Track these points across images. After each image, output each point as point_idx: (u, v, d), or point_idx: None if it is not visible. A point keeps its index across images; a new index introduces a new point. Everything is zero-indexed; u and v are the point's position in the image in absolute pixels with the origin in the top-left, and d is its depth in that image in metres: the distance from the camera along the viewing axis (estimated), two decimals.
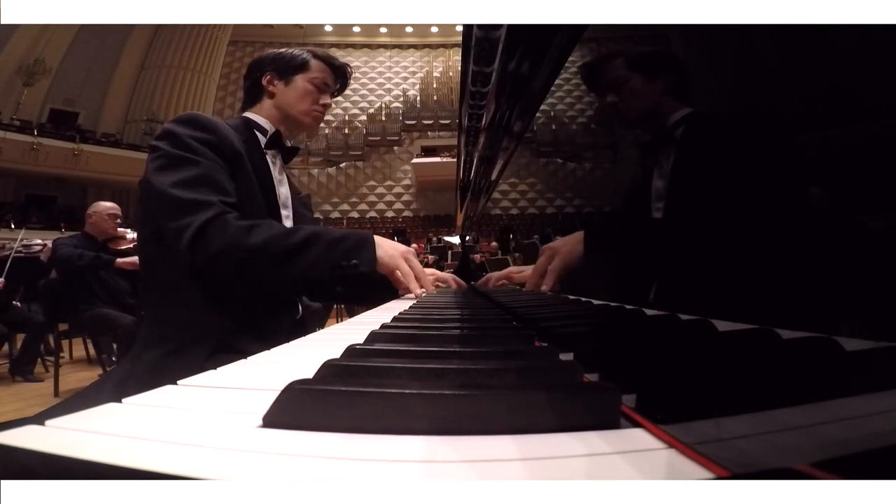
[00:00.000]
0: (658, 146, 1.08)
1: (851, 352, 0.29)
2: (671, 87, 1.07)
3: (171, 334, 0.84)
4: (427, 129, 15.04)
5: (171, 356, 0.81)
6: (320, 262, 0.83)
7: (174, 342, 0.83)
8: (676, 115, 1.05)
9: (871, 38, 2.82)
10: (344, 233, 0.88)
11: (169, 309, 0.87)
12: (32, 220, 10.76)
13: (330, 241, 0.85)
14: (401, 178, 14.76)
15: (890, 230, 1.00)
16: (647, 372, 0.26)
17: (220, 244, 0.78)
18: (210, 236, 0.78)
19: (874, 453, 0.16)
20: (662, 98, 1.07)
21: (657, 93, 1.07)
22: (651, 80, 1.07)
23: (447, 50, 15.85)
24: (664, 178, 1.05)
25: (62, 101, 12.08)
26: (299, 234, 0.84)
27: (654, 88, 1.07)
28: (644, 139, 1.12)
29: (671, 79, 1.07)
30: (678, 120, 1.04)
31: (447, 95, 15.19)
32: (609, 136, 14.11)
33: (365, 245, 0.87)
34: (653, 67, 1.07)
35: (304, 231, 0.85)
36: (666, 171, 1.04)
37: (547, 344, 0.35)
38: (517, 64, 0.55)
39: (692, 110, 1.06)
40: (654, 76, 1.07)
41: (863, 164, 1.89)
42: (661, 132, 1.07)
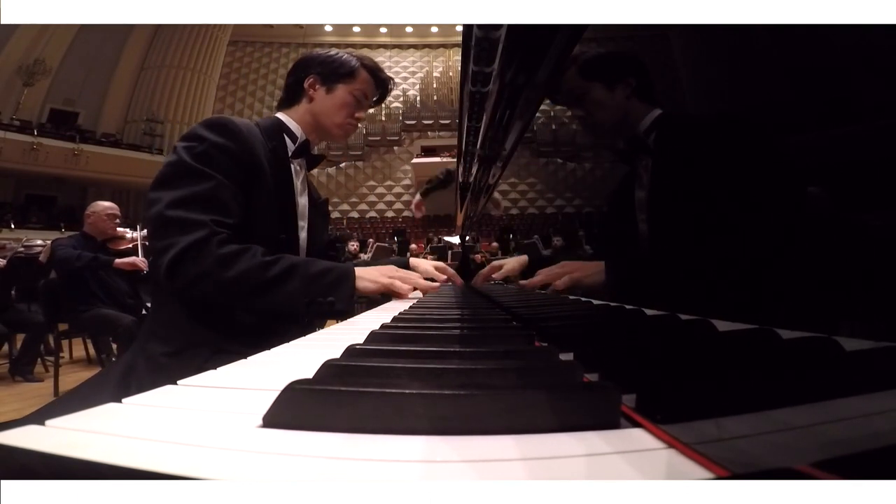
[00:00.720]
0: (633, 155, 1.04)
1: (851, 352, 0.29)
2: (635, 89, 1.01)
3: (172, 335, 0.84)
4: (427, 129, 15.03)
5: (172, 356, 0.81)
6: (295, 297, 0.82)
7: (175, 344, 0.83)
8: (647, 119, 1.01)
9: (871, 38, 2.83)
10: (325, 267, 0.86)
11: (172, 311, 0.87)
12: (32, 220, 10.77)
13: (308, 277, 0.83)
14: (401, 178, 14.75)
15: (890, 230, 1.00)
16: (647, 372, 0.26)
17: (197, 271, 0.78)
18: (189, 262, 0.78)
19: (874, 453, 0.16)
20: (628, 103, 1.02)
21: (622, 99, 1.01)
22: (612, 87, 1.01)
23: (447, 50, 15.85)
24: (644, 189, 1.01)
25: (62, 101, 12.07)
26: (277, 268, 0.82)
27: (617, 95, 1.01)
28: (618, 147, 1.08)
29: (633, 81, 1.01)
30: (650, 125, 1.00)
31: (447, 95, 15.18)
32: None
33: (344, 281, 0.85)
34: (611, 73, 1.01)
35: (284, 263, 0.83)
36: (645, 181, 1.01)
37: (547, 344, 0.35)
38: (517, 64, 0.55)
39: (661, 112, 1.01)
40: (615, 82, 1.01)
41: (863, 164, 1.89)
42: (633, 140, 1.02)
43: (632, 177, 1.07)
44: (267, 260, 0.82)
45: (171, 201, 0.80)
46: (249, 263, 0.80)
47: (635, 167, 1.05)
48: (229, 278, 0.78)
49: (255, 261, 0.81)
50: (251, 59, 15.36)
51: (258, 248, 0.83)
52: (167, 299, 0.88)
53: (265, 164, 0.91)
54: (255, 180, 0.89)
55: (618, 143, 1.09)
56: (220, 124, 0.88)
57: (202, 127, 0.87)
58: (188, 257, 0.77)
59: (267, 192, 0.90)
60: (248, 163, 0.88)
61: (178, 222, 0.79)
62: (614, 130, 1.05)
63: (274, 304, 0.82)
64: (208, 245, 0.78)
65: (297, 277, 0.82)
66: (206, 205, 0.81)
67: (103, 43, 12.20)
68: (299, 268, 0.84)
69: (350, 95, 1.03)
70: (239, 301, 0.83)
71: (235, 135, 0.87)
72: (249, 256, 0.81)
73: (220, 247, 0.80)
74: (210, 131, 0.86)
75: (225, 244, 0.80)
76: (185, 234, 0.78)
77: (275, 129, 0.98)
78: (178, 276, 0.78)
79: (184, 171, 0.83)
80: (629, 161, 1.07)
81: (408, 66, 16.06)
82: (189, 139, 0.86)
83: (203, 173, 0.83)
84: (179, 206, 0.80)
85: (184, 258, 0.77)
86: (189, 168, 0.83)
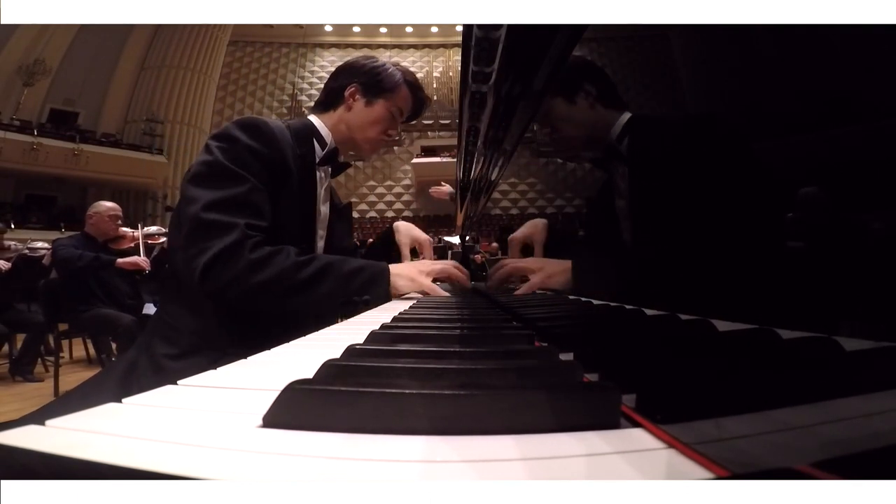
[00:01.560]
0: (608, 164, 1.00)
1: (851, 352, 0.29)
2: (597, 96, 0.97)
3: (177, 337, 0.83)
4: (427, 129, 15.03)
5: (175, 358, 0.81)
6: (331, 297, 0.82)
7: (179, 346, 0.82)
8: (616, 125, 0.96)
9: (871, 38, 2.82)
10: (358, 265, 0.85)
11: (180, 312, 0.86)
12: (32, 220, 10.77)
13: (342, 276, 0.83)
14: (401, 178, 14.75)
15: (890, 230, 0.99)
16: (647, 372, 0.26)
17: (229, 275, 0.77)
18: (221, 266, 0.77)
19: (874, 453, 0.16)
20: (594, 112, 0.97)
21: (586, 109, 0.96)
22: (572, 99, 0.96)
23: (447, 50, 15.84)
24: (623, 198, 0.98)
25: (62, 101, 12.07)
26: (311, 268, 0.81)
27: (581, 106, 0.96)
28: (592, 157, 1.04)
29: (593, 87, 0.96)
30: (621, 130, 0.96)
31: (447, 95, 15.18)
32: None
33: (380, 279, 0.85)
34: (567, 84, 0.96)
35: (317, 263, 0.82)
36: (623, 189, 0.98)
37: (547, 344, 0.35)
38: (517, 64, 0.55)
39: (629, 115, 0.97)
40: (573, 93, 0.96)
41: (863, 164, 1.88)
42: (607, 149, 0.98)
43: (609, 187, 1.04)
44: (300, 260, 0.82)
45: (207, 203, 0.79)
46: (283, 265, 0.80)
47: (612, 176, 1.02)
48: (262, 281, 0.78)
49: (289, 262, 0.81)
50: (251, 59, 15.36)
51: (291, 248, 0.83)
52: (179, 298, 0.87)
53: (293, 168, 0.90)
54: (282, 185, 0.88)
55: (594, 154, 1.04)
56: (254, 126, 0.87)
57: (236, 127, 0.86)
58: (221, 261, 0.77)
59: (292, 198, 0.90)
60: (277, 167, 0.87)
61: (213, 225, 0.79)
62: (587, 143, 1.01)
63: (309, 306, 0.82)
64: (241, 249, 0.78)
65: (331, 277, 0.82)
66: (240, 208, 0.81)
67: (103, 43, 12.20)
68: (333, 267, 0.83)
69: (387, 111, 1.01)
70: (273, 304, 0.82)
71: (268, 138, 0.86)
72: (283, 258, 0.81)
73: (253, 250, 0.79)
74: (244, 132, 0.85)
75: (258, 247, 0.80)
76: (219, 237, 0.78)
77: (305, 133, 0.97)
78: (210, 279, 0.78)
79: (219, 171, 0.82)
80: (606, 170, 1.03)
81: (408, 66, 16.06)
82: (222, 139, 0.85)
83: (238, 175, 0.82)
84: (214, 209, 0.79)
85: (216, 262, 0.77)
86: (224, 169, 0.82)
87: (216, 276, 0.77)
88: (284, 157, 0.88)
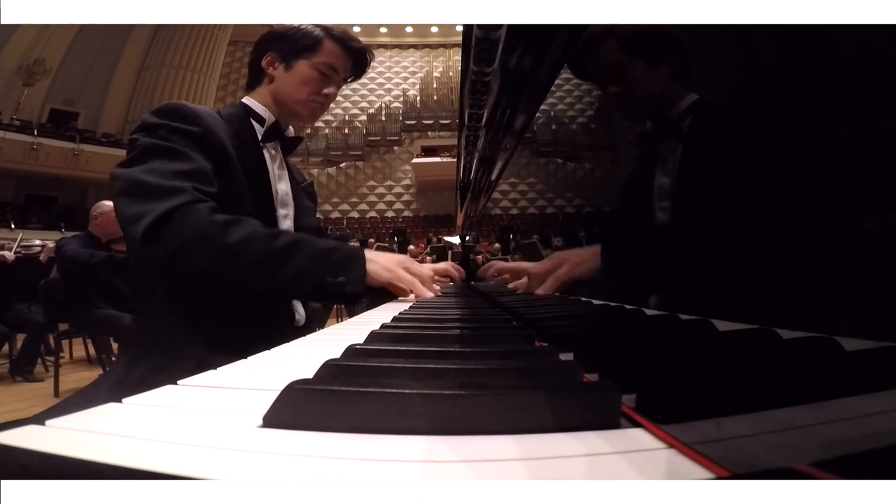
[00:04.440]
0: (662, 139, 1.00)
1: (851, 352, 0.29)
2: (676, 71, 0.97)
3: (155, 350, 0.78)
4: (427, 129, 15.04)
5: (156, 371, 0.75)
6: (305, 275, 0.74)
7: (158, 358, 0.76)
8: (683, 103, 0.96)
9: (871, 37, 2.83)
10: (333, 244, 0.79)
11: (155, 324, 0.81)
12: (32, 220, 10.78)
13: (317, 252, 0.75)
14: (401, 178, 14.76)
15: (890, 230, 0.99)
16: (646, 372, 0.26)
17: (185, 237, 0.68)
18: (173, 226, 0.68)
19: (874, 453, 0.16)
20: (667, 84, 0.97)
21: (662, 79, 0.97)
22: (654, 64, 0.96)
23: (447, 50, 15.85)
24: (669, 175, 0.97)
25: (62, 101, 12.09)
26: (283, 239, 0.74)
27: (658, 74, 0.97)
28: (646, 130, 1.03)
29: (675, 62, 0.97)
30: (685, 109, 0.96)
31: (447, 95, 15.20)
32: (610, 134, 14.10)
33: (355, 261, 0.77)
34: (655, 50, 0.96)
35: (289, 236, 0.75)
36: (672, 167, 0.97)
37: (547, 344, 0.35)
38: (517, 64, 0.55)
39: (698, 97, 0.97)
40: (658, 60, 0.96)
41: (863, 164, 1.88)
42: (665, 123, 0.98)
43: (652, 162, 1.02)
44: (270, 231, 0.74)
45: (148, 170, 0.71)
46: (251, 230, 0.71)
47: (660, 152, 1.00)
48: (230, 246, 0.69)
49: (256, 230, 0.72)
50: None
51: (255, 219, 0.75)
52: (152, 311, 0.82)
53: (230, 148, 0.83)
54: (221, 165, 0.81)
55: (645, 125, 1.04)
56: (173, 109, 0.80)
57: (153, 115, 0.80)
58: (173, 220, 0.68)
59: (236, 178, 0.83)
60: (210, 146, 0.80)
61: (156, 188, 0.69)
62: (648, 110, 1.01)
63: (279, 282, 0.74)
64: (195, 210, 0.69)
65: (303, 252, 0.74)
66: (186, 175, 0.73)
67: (103, 43, 12.22)
68: (305, 243, 0.75)
69: (313, 70, 0.93)
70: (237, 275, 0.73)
71: (190, 117, 0.80)
72: (249, 224, 0.72)
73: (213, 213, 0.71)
74: (163, 117, 0.79)
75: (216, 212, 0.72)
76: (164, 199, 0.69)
77: (238, 114, 0.91)
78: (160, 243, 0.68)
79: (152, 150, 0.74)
80: (653, 145, 1.02)
81: (408, 66, 16.07)
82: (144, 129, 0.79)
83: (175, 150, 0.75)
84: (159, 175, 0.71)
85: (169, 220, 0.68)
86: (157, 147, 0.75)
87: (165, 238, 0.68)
88: (217, 137, 0.82)
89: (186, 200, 0.70)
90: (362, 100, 15.55)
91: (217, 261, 0.70)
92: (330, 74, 0.96)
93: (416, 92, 15.55)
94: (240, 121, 0.90)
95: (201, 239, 0.69)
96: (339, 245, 0.80)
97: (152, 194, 0.70)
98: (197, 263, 0.71)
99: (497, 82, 0.60)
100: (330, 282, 0.75)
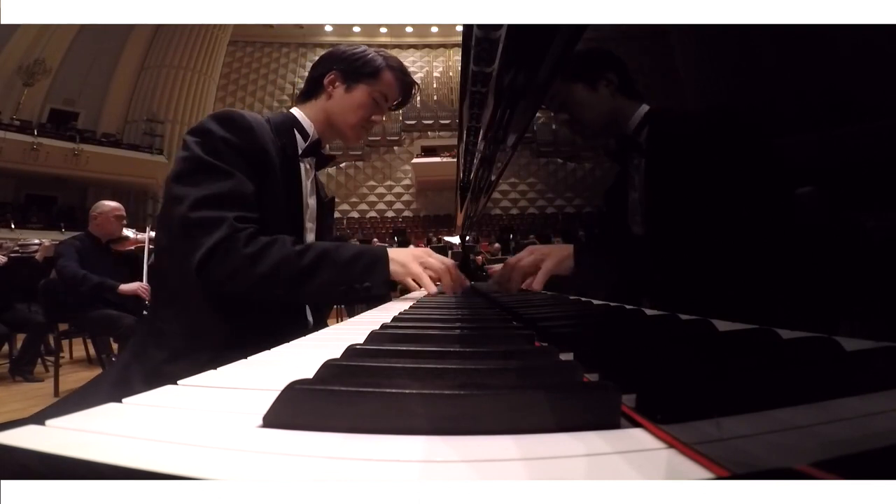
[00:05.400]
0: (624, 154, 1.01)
1: (851, 352, 0.29)
2: (618, 85, 0.98)
3: (171, 341, 0.82)
4: (427, 129, 15.04)
5: (169, 362, 0.79)
6: (332, 285, 0.80)
7: (173, 349, 0.80)
8: (635, 116, 0.98)
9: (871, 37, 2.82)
10: (356, 251, 0.84)
11: (172, 314, 0.84)
12: (32, 220, 10.77)
13: (341, 263, 0.81)
14: (401, 178, 14.76)
15: (890, 230, 0.99)
16: (646, 372, 0.26)
17: (227, 270, 0.76)
18: (217, 261, 0.76)
19: (874, 453, 0.16)
20: (614, 101, 0.98)
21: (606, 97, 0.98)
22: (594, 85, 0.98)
23: (447, 50, 15.85)
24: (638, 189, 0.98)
25: (62, 101, 12.08)
26: (309, 256, 0.80)
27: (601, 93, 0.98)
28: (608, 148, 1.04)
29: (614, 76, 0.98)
30: (639, 122, 0.97)
31: (447, 95, 15.19)
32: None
33: (378, 264, 0.83)
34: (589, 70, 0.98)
35: (315, 251, 0.81)
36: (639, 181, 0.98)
37: (547, 344, 0.35)
38: (517, 64, 0.55)
39: (648, 107, 0.98)
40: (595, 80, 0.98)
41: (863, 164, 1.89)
42: (623, 139, 0.99)
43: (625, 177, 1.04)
44: (298, 250, 0.80)
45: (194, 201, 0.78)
46: (280, 255, 0.78)
47: (627, 168, 1.02)
48: (260, 274, 0.77)
49: (286, 252, 0.79)
50: (251, 59, 15.37)
51: (286, 237, 0.81)
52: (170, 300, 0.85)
53: (275, 160, 0.88)
54: (264, 177, 0.86)
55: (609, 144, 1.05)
56: (229, 118, 0.85)
57: (211, 120, 0.85)
58: (215, 257, 0.76)
59: (276, 191, 0.88)
60: (257, 159, 0.85)
61: (201, 223, 0.77)
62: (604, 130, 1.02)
63: (310, 295, 0.81)
64: (233, 242, 0.77)
65: (330, 264, 0.80)
66: (227, 201, 0.80)
67: (103, 43, 12.21)
68: (331, 254, 0.81)
69: (369, 97, 0.99)
70: (273, 295, 0.81)
71: (244, 129, 0.85)
72: (279, 248, 0.79)
73: (248, 242, 0.78)
74: (219, 125, 0.84)
75: (252, 239, 0.79)
76: (209, 234, 0.77)
77: (286, 125, 0.95)
78: (206, 277, 0.77)
79: (200, 166, 0.81)
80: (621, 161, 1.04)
81: (408, 66, 16.04)
82: (198, 133, 0.84)
83: (219, 169, 0.81)
84: (201, 206, 0.78)
85: (210, 258, 0.76)
86: (205, 164, 0.81)
87: (210, 272, 0.77)
88: (264, 149, 0.87)
89: (227, 234, 0.77)
90: None
91: (255, 287, 0.78)
92: (381, 103, 1.02)
93: (415, 92, 15.55)
94: (287, 133, 0.94)
95: (239, 271, 0.77)
96: (362, 250, 0.85)
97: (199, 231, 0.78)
98: (240, 289, 0.79)
99: (497, 82, 0.60)
100: (357, 287, 0.81)
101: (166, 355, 0.80)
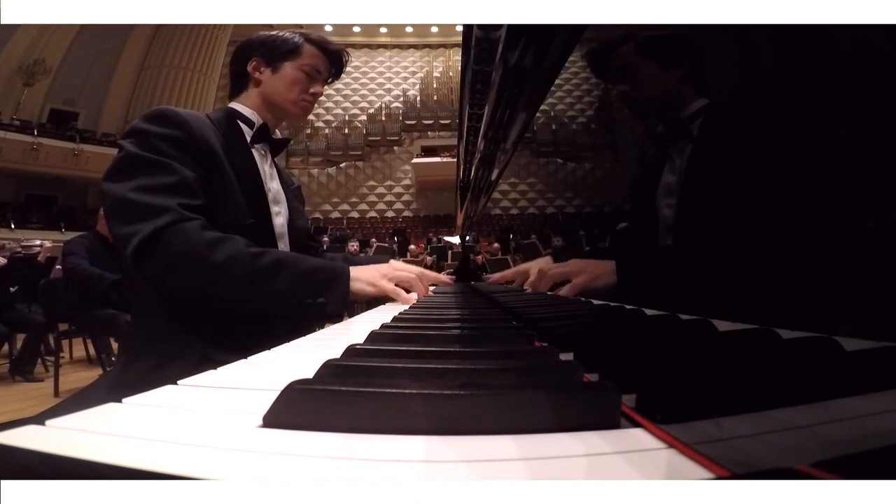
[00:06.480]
0: (671, 139, 1.03)
1: (851, 352, 0.29)
2: (688, 74, 1.01)
3: (154, 348, 0.79)
4: (427, 129, 15.03)
5: (156, 370, 0.76)
6: (285, 295, 0.75)
7: (157, 356, 0.77)
8: (693, 105, 1.00)
9: (871, 37, 2.83)
10: (317, 264, 0.80)
11: (151, 322, 0.82)
12: (32, 220, 10.78)
13: (299, 273, 0.76)
14: (401, 178, 14.75)
15: (890, 230, 0.99)
16: (646, 372, 0.26)
17: (171, 256, 0.71)
18: (161, 246, 0.71)
19: (874, 453, 0.16)
20: (679, 87, 1.01)
21: (673, 81, 1.01)
22: (666, 67, 1.00)
23: (447, 50, 15.84)
24: (676, 174, 1.00)
25: (62, 101, 12.08)
26: (265, 260, 0.75)
27: (670, 76, 1.00)
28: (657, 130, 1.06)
29: (688, 65, 1.01)
30: (695, 111, 0.99)
31: (447, 95, 15.19)
32: (610, 134, 14.10)
33: (337, 281, 0.78)
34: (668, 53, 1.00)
35: (272, 256, 0.77)
36: (679, 166, 0.99)
37: (547, 344, 0.35)
38: (517, 64, 0.55)
39: (709, 101, 1.00)
40: (670, 63, 1.00)
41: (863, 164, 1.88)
42: (675, 124, 1.01)
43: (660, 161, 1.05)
44: (253, 251, 0.76)
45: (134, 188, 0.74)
46: (235, 250, 0.74)
47: (668, 151, 1.04)
48: (212, 264, 0.72)
49: (241, 249, 0.74)
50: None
51: (240, 238, 0.77)
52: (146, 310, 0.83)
53: (219, 150, 0.86)
54: (210, 169, 0.84)
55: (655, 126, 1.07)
56: (162, 115, 0.83)
57: (142, 121, 0.82)
58: (162, 240, 0.71)
59: (226, 180, 0.85)
60: (198, 151, 0.82)
61: (143, 207, 0.72)
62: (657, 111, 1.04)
63: (261, 300, 0.75)
64: (182, 229, 0.72)
65: (286, 273, 0.76)
66: (172, 191, 0.75)
67: (103, 43, 12.21)
68: (289, 263, 0.77)
69: (299, 71, 0.99)
70: (222, 292, 0.75)
71: (179, 123, 0.82)
72: (233, 244, 0.75)
73: (200, 231, 0.74)
74: (152, 123, 0.81)
75: (204, 229, 0.75)
76: (149, 220, 0.72)
77: (228, 117, 0.94)
78: (148, 262, 0.72)
79: (137, 162, 0.77)
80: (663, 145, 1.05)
81: (408, 66, 16.05)
82: (132, 134, 0.81)
83: (159, 162, 0.77)
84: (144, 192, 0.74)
85: (158, 240, 0.71)
86: (143, 159, 0.77)
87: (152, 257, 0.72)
88: (205, 139, 0.84)
89: (172, 220, 0.73)
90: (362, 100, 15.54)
91: (202, 279, 0.74)
92: (314, 75, 1.02)
93: (416, 92, 15.54)
94: (228, 123, 0.93)
95: (187, 258, 0.72)
96: (322, 265, 0.81)
97: (139, 214, 0.73)
98: (183, 281, 0.74)
99: (497, 82, 0.60)
100: (310, 303, 0.76)
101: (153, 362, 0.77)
